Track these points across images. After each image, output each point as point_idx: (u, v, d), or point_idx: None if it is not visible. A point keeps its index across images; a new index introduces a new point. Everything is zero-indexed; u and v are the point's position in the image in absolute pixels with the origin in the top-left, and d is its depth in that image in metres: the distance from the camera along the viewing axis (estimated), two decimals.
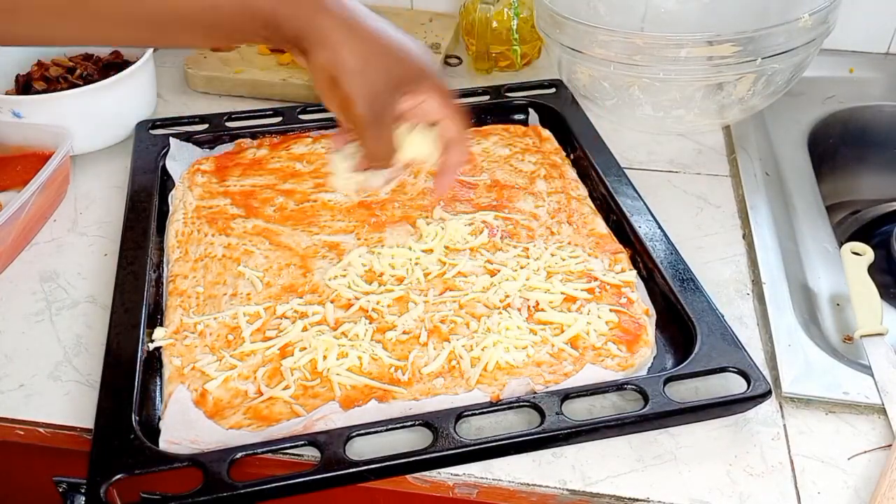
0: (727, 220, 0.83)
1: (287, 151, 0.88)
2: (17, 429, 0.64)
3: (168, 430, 0.59)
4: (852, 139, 1.04)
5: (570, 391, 0.61)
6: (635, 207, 0.78)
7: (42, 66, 0.95)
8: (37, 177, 0.77)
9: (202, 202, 0.80)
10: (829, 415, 0.64)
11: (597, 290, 0.70)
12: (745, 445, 0.61)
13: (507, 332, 0.66)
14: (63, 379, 0.66)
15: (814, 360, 0.66)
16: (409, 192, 0.82)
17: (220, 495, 0.54)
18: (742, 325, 0.71)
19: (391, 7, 1.16)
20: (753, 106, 0.92)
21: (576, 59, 0.90)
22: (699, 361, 0.63)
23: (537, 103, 0.94)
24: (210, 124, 0.91)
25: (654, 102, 0.90)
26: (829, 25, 0.87)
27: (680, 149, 0.93)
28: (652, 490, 0.58)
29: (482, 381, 0.63)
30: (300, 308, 0.69)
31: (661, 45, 0.83)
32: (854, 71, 1.06)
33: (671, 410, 0.59)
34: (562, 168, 0.86)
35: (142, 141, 0.88)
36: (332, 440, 0.57)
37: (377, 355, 0.64)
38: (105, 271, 0.76)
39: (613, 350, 0.65)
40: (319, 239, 0.76)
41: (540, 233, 0.77)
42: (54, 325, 0.71)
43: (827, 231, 0.82)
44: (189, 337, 0.66)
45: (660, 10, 1.04)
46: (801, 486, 0.59)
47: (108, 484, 0.54)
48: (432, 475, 0.59)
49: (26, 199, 0.75)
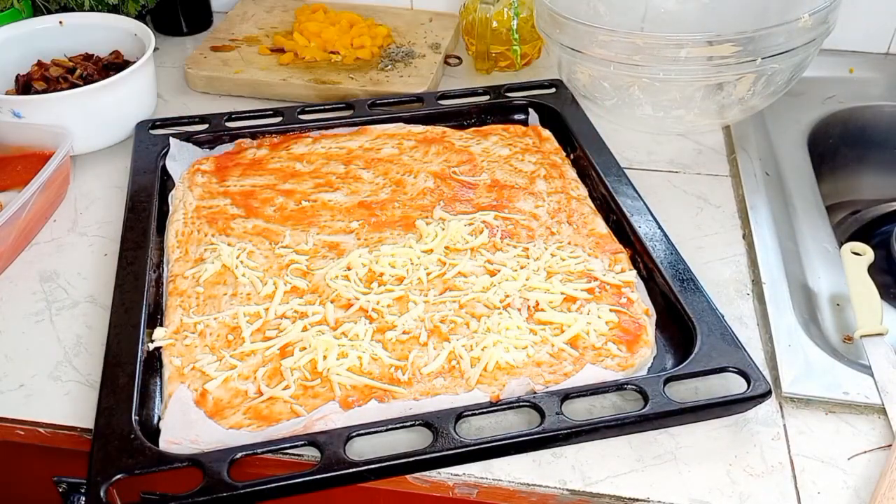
0: (727, 220, 0.83)
1: (287, 151, 0.88)
2: (17, 429, 0.64)
3: (168, 430, 0.59)
4: (852, 139, 1.04)
5: (570, 391, 0.61)
6: (635, 207, 0.78)
7: (42, 66, 0.95)
8: (37, 177, 0.77)
9: (202, 202, 0.80)
10: (829, 415, 0.64)
11: (597, 290, 0.70)
12: (745, 445, 0.61)
13: (507, 332, 0.66)
14: (63, 379, 0.66)
15: (814, 360, 0.66)
16: (410, 192, 0.82)
17: (220, 495, 0.54)
18: (742, 325, 0.71)
19: (391, 7, 1.16)
20: (753, 106, 0.92)
21: (576, 59, 0.90)
22: (699, 361, 0.63)
23: (537, 103, 0.94)
24: (210, 124, 0.91)
25: (654, 102, 0.90)
26: (829, 25, 0.87)
27: (680, 149, 0.93)
28: (652, 490, 0.58)
29: (482, 381, 0.63)
30: (300, 308, 0.69)
31: (661, 45, 0.83)
32: (854, 71, 1.06)
33: (671, 410, 0.59)
34: (562, 168, 0.86)
35: (142, 141, 0.88)
36: (332, 440, 0.57)
37: (377, 355, 0.64)
38: (105, 271, 0.76)
39: (613, 350, 0.65)
40: (320, 239, 0.76)
41: (540, 233, 0.77)
42: (54, 325, 0.71)
43: (827, 231, 0.82)
44: (189, 337, 0.66)
45: (660, 10, 1.04)
46: (801, 486, 0.59)
47: (108, 484, 0.54)
48: (432, 475, 0.59)
49: (27, 200, 0.75)
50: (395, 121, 0.92)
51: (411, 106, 0.94)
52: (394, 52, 1.05)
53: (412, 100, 0.94)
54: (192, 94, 1.03)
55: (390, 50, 1.06)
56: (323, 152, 0.88)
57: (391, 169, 0.85)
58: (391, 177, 0.84)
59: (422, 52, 1.06)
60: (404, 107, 0.94)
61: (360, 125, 0.92)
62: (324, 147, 0.89)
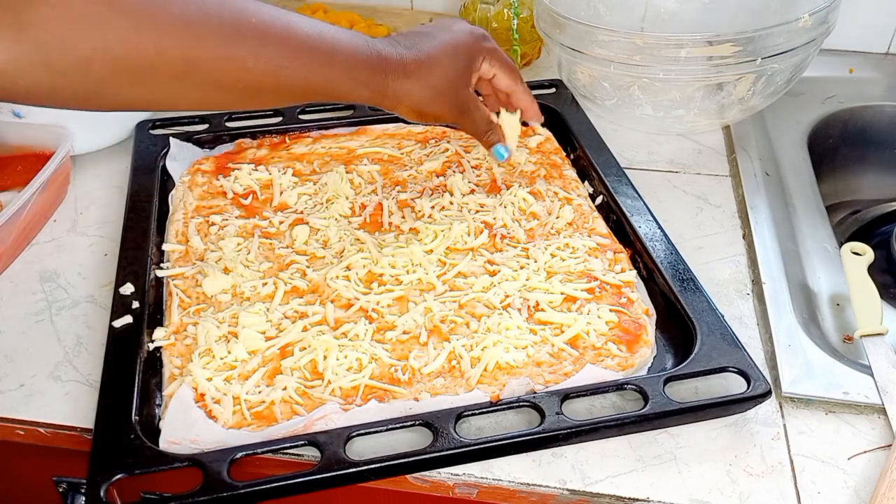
0: (727, 220, 0.83)
1: (287, 151, 0.88)
2: (17, 429, 0.64)
3: (168, 429, 0.59)
4: (852, 139, 1.04)
5: (570, 391, 0.61)
6: (635, 207, 0.78)
7: None
8: (37, 177, 0.77)
9: (202, 202, 0.80)
10: (829, 415, 0.64)
11: (597, 290, 0.70)
12: (745, 445, 0.61)
13: (507, 332, 0.66)
14: (63, 379, 0.66)
15: (814, 360, 0.66)
16: (410, 192, 0.82)
17: (220, 495, 0.54)
18: (742, 325, 0.71)
19: (391, 7, 1.16)
20: (753, 106, 0.92)
21: (576, 59, 0.90)
22: (699, 361, 0.63)
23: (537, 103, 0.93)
24: (210, 124, 0.91)
25: (654, 102, 0.90)
26: (829, 25, 0.87)
27: (680, 149, 0.93)
28: (652, 490, 0.58)
29: (482, 381, 0.63)
30: (300, 308, 0.69)
31: (661, 45, 0.83)
32: (854, 71, 1.06)
33: (671, 410, 0.59)
34: (562, 168, 0.86)
35: (142, 141, 0.88)
36: (332, 440, 0.57)
37: (377, 355, 0.64)
38: (105, 271, 0.76)
39: (613, 350, 0.65)
40: (320, 239, 0.76)
41: (540, 233, 0.77)
42: (54, 325, 0.71)
43: (827, 231, 0.82)
44: (189, 337, 0.66)
45: (660, 10, 1.05)
46: (801, 486, 0.59)
47: (108, 484, 0.54)
48: (432, 475, 0.59)
49: (26, 200, 0.75)
50: (396, 121, 0.92)
51: None
52: None
53: None
54: None
55: None
56: (323, 152, 0.88)
57: (391, 169, 0.85)
58: (391, 177, 0.84)
59: None
60: None
61: (360, 125, 0.92)
62: (324, 147, 0.89)
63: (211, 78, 0.54)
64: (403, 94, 0.64)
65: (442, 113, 0.68)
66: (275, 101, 0.60)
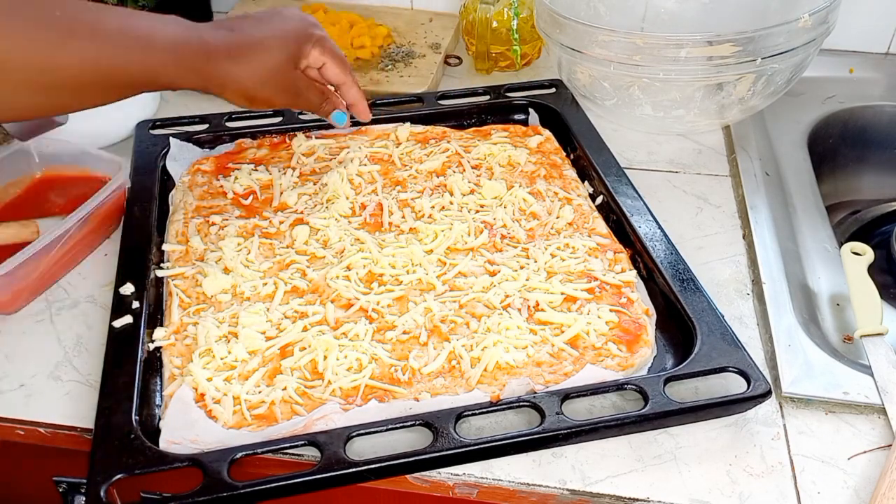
0: (727, 220, 0.83)
1: (287, 151, 0.88)
2: (17, 429, 0.64)
3: (168, 429, 0.59)
4: (852, 139, 1.04)
5: (570, 391, 0.61)
6: (635, 207, 0.78)
7: None
8: (78, 210, 0.72)
9: (202, 202, 0.80)
10: (829, 415, 0.64)
11: (597, 290, 0.70)
12: (745, 445, 0.61)
13: (507, 332, 0.66)
14: (63, 379, 0.67)
15: (814, 360, 0.66)
16: (410, 192, 0.82)
17: (220, 495, 0.54)
18: (742, 325, 0.71)
19: (391, 7, 1.16)
20: (753, 106, 0.92)
21: (576, 59, 0.90)
22: (699, 361, 0.63)
23: (537, 103, 0.94)
24: (210, 124, 0.91)
25: (654, 102, 0.90)
26: (829, 25, 0.87)
27: (680, 149, 0.93)
28: (652, 490, 0.58)
29: (482, 381, 0.63)
30: (300, 308, 0.69)
31: (661, 45, 0.83)
32: (854, 71, 1.06)
33: (671, 410, 0.59)
34: (562, 168, 0.86)
35: (142, 141, 0.88)
36: (332, 440, 0.57)
37: (377, 355, 0.64)
38: (105, 271, 0.76)
39: (613, 350, 0.65)
40: (320, 239, 0.76)
41: (540, 233, 0.77)
42: (54, 325, 0.71)
43: (827, 231, 0.82)
44: (189, 337, 0.66)
45: (660, 10, 1.05)
46: (801, 486, 0.59)
47: (108, 484, 0.54)
48: (432, 475, 0.59)
49: (59, 235, 0.71)
50: (396, 121, 0.92)
51: (411, 106, 0.94)
52: (394, 53, 1.06)
53: (412, 100, 0.94)
54: (193, 94, 1.03)
55: (390, 50, 1.06)
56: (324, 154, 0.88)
57: (391, 169, 0.85)
58: (391, 177, 0.84)
59: (422, 52, 1.06)
60: (404, 107, 0.94)
61: (360, 125, 0.92)
62: (324, 147, 0.89)
63: (23, 77, 0.53)
64: (230, 78, 0.65)
65: (271, 97, 0.69)
66: (101, 95, 0.59)
